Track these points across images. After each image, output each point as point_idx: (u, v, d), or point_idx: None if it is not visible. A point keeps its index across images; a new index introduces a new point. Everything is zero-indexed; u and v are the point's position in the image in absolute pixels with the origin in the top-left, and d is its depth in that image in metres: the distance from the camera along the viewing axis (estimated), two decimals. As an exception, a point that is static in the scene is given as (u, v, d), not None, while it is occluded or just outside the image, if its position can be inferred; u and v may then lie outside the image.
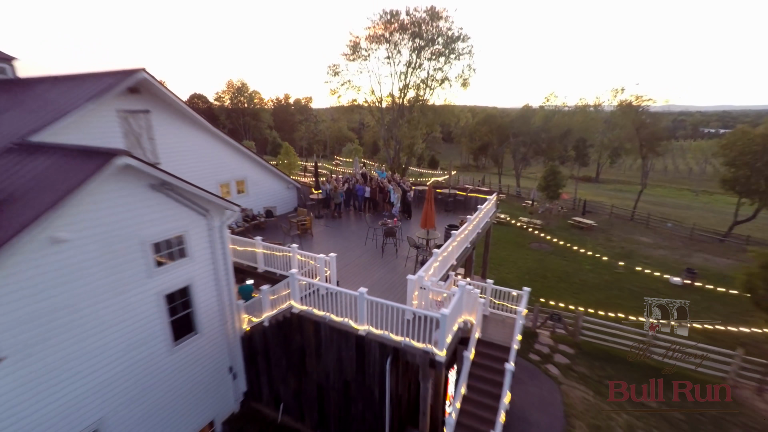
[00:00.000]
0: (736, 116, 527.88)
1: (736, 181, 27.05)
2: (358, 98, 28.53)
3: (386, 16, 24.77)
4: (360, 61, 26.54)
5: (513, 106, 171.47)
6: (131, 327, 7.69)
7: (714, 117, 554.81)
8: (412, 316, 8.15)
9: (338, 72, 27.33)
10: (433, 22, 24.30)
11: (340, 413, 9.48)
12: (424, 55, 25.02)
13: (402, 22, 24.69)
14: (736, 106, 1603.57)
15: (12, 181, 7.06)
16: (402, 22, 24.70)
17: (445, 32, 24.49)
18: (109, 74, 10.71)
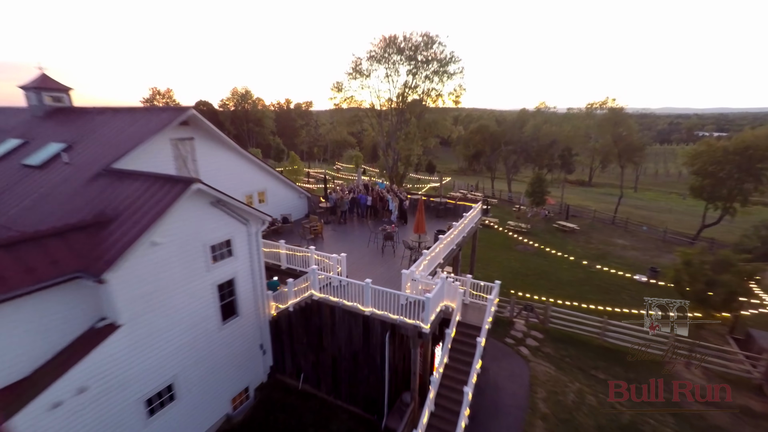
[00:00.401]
0: (733, 119, 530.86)
1: (702, 189, 29.80)
2: (359, 113, 31.27)
3: (385, 41, 27.53)
4: (362, 79, 29.31)
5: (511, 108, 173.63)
6: (195, 308, 10.26)
7: (711, 119, 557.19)
8: (405, 300, 10.76)
9: (341, 88, 30.08)
10: (428, 47, 27.07)
11: (349, 378, 12.07)
12: (420, 76, 27.75)
13: (399, 46, 27.44)
14: (734, 108, 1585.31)
15: (113, 200, 9.65)
16: (399, 46, 27.45)
17: (438, 55, 27.26)
18: (165, 109, 13.33)
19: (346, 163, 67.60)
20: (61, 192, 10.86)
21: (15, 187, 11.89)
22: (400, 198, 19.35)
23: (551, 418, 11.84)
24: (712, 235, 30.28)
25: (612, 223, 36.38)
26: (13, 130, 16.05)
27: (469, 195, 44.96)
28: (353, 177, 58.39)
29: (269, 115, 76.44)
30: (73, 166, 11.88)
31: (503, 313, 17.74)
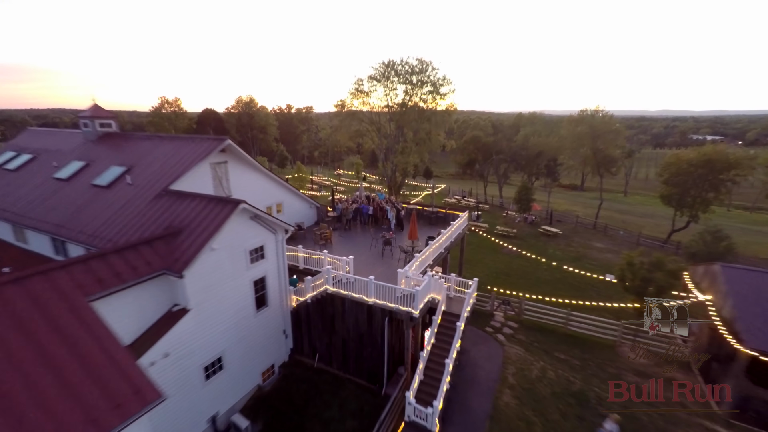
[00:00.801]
0: (729, 122, 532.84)
1: (671, 197, 32.94)
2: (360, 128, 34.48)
3: (384, 65, 30.74)
4: (363, 97, 32.46)
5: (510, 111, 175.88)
6: (238, 299, 13.27)
7: (706, 123, 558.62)
8: (400, 293, 13.79)
9: (345, 106, 33.23)
10: (423, 72, 30.25)
11: (356, 356, 15.09)
12: (415, 95, 30.91)
13: (397, 69, 30.62)
14: (731, 111, 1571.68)
15: (177, 215, 12.68)
16: (397, 69, 30.63)
17: (431, 78, 30.43)
18: (206, 139, 16.39)
19: (346, 170, 70.58)
20: (131, 209, 13.88)
21: (91, 204, 14.91)
22: (397, 208, 22.41)
23: (517, 387, 14.86)
24: (680, 238, 33.38)
25: (593, 227, 39.51)
26: (72, 153, 19.10)
27: (462, 201, 48.12)
28: (354, 183, 61.41)
29: (272, 122, 79.52)
30: (136, 187, 14.93)
31: (485, 306, 20.78)
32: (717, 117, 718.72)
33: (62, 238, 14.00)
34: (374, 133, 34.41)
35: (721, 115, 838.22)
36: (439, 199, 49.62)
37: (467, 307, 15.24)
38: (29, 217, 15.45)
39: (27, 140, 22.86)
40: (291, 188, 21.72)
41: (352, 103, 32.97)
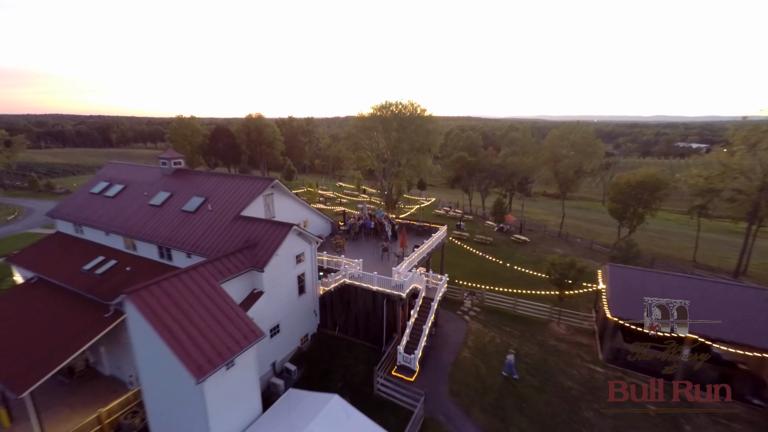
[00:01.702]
0: (718, 128, 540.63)
1: (616, 211, 40.45)
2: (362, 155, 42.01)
3: (381, 106, 38.37)
4: (365, 131, 39.92)
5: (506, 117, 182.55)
6: (289, 287, 20.42)
7: (697, 129, 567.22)
8: (394, 283, 20.98)
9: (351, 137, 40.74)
10: (413, 112, 37.76)
11: (364, 327, 22.26)
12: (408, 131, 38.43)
13: (391, 109, 38.17)
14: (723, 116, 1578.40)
15: (250, 233, 19.85)
16: (391, 110, 38.18)
17: (421, 121, 37.99)
18: (260, 179, 23.58)
19: (347, 183, 77.76)
20: (216, 228, 21.02)
21: (185, 224, 22.04)
22: (392, 224, 29.70)
23: (473, 347, 22.06)
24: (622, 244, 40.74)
25: (558, 235, 46.92)
26: (156, 185, 26.24)
27: (450, 212, 55.47)
28: (355, 194, 68.64)
29: (279, 137, 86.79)
30: (215, 213, 22.09)
31: (457, 296, 28.02)
32: (708, 123, 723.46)
33: (171, 247, 21.13)
34: (374, 159, 41.86)
35: (714, 121, 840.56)
36: (430, 210, 56.96)
37: (439, 294, 22.51)
38: (142, 232, 22.54)
39: (111, 172, 29.96)
40: (312, 209, 28.90)
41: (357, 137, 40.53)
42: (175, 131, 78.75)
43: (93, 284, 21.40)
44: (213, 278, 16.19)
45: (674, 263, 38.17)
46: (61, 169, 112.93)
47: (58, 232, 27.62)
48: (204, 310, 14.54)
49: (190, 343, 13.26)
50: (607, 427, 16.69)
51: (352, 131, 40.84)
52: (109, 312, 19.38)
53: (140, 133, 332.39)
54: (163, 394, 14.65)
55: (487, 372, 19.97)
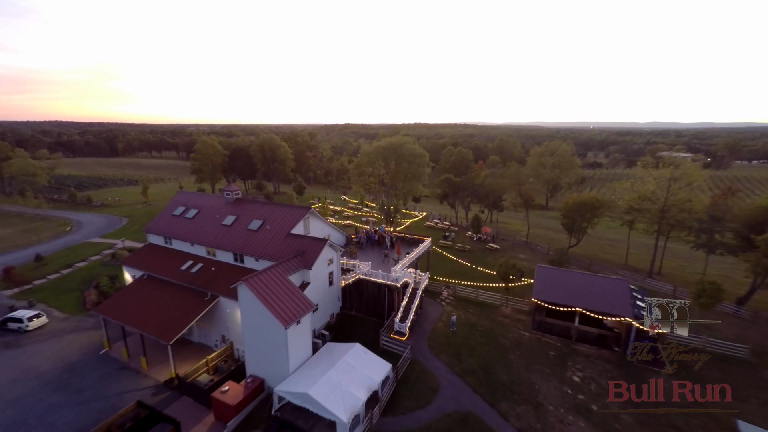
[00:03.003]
0: (708, 136, 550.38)
1: (566, 224, 51.45)
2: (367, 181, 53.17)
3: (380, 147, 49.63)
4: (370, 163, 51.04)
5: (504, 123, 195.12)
6: (323, 280, 31.17)
7: (688, 136, 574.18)
8: (392, 278, 31.82)
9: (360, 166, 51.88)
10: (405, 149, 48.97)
11: (372, 307, 33.07)
12: (403, 164, 49.55)
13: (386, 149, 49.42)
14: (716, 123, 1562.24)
15: (299, 245, 30.68)
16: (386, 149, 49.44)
17: (411, 158, 49.20)
18: (301, 207, 34.44)
19: (351, 198, 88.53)
20: (275, 242, 31.78)
21: (251, 239, 32.81)
22: (390, 237, 40.62)
23: (445, 322, 32.79)
24: (574, 251, 51.76)
25: (525, 243, 57.85)
26: (223, 210, 36.97)
27: (439, 224, 66.36)
28: (358, 207, 79.38)
29: (290, 156, 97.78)
30: (272, 232, 32.87)
31: (437, 289, 38.81)
32: (700, 131, 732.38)
33: (244, 254, 31.84)
34: (377, 183, 52.98)
35: (706, 129, 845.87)
36: (422, 223, 67.84)
37: (422, 285, 33.37)
38: (221, 244, 33.23)
39: (183, 198, 40.64)
40: (333, 225, 39.69)
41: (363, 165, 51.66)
42: (200, 151, 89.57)
43: (191, 279, 32.15)
44: (283, 273, 26.97)
45: (608, 265, 49.15)
46: (87, 182, 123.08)
47: (150, 243, 38.32)
48: (281, 291, 25.30)
49: (278, 308, 24.00)
50: (522, 364, 27.46)
51: (361, 161, 51.88)
52: (207, 297, 30.21)
53: (145, 142, 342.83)
54: (259, 339, 25.29)
55: (452, 335, 30.72)
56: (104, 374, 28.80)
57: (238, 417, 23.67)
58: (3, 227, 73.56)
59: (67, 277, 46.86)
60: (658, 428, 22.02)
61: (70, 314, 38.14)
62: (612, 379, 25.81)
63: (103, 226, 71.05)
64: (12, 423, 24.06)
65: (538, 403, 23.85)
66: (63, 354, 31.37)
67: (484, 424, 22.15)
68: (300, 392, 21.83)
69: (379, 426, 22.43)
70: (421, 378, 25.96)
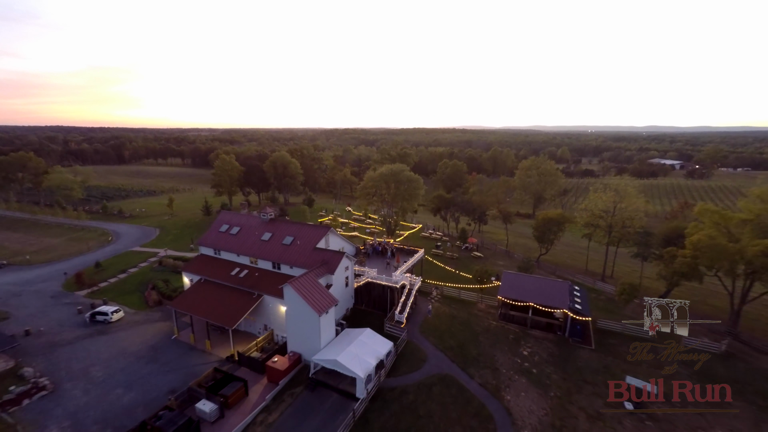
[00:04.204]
0: (703, 141, 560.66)
1: (537, 237, 61.69)
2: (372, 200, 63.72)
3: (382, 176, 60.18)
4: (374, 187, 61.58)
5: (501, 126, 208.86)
6: (341, 282, 41.38)
7: (681, 141, 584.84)
8: (393, 280, 42.12)
9: (366, 188, 62.31)
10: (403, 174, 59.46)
11: (379, 303, 43.38)
12: (401, 188, 59.99)
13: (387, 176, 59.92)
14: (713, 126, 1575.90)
15: (323, 257, 40.98)
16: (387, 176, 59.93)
17: (407, 182, 59.68)
18: (325, 226, 44.75)
19: (356, 211, 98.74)
20: (304, 254, 42.03)
21: (286, 251, 43.06)
22: (392, 249, 50.96)
23: (433, 314, 43.01)
24: (545, 258, 62.03)
25: (505, 252, 68.13)
26: (260, 228, 47.22)
27: (433, 235, 76.69)
28: (362, 219, 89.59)
29: (299, 172, 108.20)
30: (302, 246, 43.14)
31: (428, 289, 49.05)
32: (696, 135, 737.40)
33: (281, 263, 42.05)
34: (380, 202, 63.45)
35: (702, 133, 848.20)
36: (418, 233, 78.10)
37: (416, 286, 43.69)
38: (261, 255, 43.43)
39: (226, 218, 50.84)
40: (345, 239, 49.92)
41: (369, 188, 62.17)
42: (219, 167, 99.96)
43: (240, 282, 42.35)
44: (315, 278, 37.22)
45: (571, 270, 59.39)
46: (111, 193, 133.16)
47: (202, 254, 48.50)
48: (314, 290, 35.53)
49: (313, 302, 34.21)
50: (487, 343, 37.66)
51: (367, 185, 62.36)
52: (254, 295, 40.44)
53: (151, 150, 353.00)
54: (299, 325, 35.43)
55: (438, 323, 40.94)
56: (179, 353, 38.90)
57: (285, 379, 33.80)
58: (51, 237, 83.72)
59: (125, 281, 57.03)
60: (576, 384, 32.17)
61: (138, 310, 48.23)
62: (550, 354, 36.01)
63: (139, 237, 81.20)
64: (126, 382, 34.14)
65: (495, 368, 34.03)
66: (144, 339, 41.47)
67: (457, 381, 32.33)
68: (331, 359, 32.00)
69: (385, 383, 32.57)
70: (414, 353, 36.17)
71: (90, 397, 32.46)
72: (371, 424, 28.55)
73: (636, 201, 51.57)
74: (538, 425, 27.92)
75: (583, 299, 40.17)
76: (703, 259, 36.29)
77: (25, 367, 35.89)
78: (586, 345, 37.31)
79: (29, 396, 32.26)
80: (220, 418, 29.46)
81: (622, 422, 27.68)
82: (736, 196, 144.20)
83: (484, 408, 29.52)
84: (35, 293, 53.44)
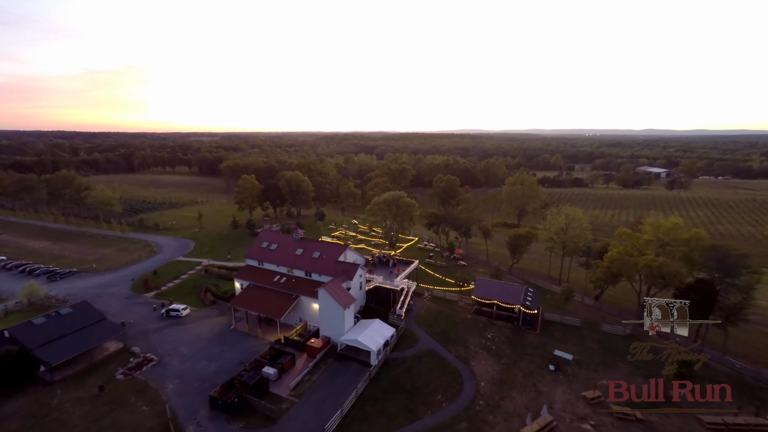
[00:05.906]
0: (697, 145, 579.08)
1: (510, 249, 76.47)
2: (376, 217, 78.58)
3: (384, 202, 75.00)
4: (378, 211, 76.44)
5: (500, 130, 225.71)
6: (357, 286, 56.06)
7: (674, 146, 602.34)
8: (396, 284, 56.92)
9: (372, 210, 77.14)
10: (401, 201, 74.26)
11: (384, 301, 58.18)
12: (401, 211, 74.76)
13: (389, 201, 74.74)
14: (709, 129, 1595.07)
15: (343, 267, 55.76)
16: (389, 201, 74.76)
17: (405, 207, 74.46)
18: (344, 245, 59.55)
19: (361, 224, 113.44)
20: (329, 265, 56.75)
21: (315, 263, 57.82)
22: (393, 260, 65.86)
23: (425, 310, 57.76)
24: (517, 266, 76.79)
25: (485, 261, 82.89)
26: (294, 245, 61.99)
27: (428, 246, 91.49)
28: (367, 232, 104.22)
29: (311, 189, 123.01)
30: (326, 259, 57.90)
31: (422, 292, 63.81)
32: (691, 139, 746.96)
33: (311, 272, 56.73)
34: (383, 222, 78.26)
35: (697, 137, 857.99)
36: (415, 245, 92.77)
37: (412, 289, 58.57)
38: (296, 266, 58.10)
39: (265, 236, 65.49)
40: (357, 252, 64.61)
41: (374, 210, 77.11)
42: (242, 186, 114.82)
43: (281, 286, 57.06)
44: (339, 283, 51.95)
45: (537, 276, 74.03)
46: (139, 206, 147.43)
47: (248, 264, 63.15)
48: (340, 291, 50.30)
49: (339, 299, 48.98)
50: (463, 330, 52.36)
51: (373, 208, 77.25)
52: (294, 296, 55.25)
53: (160, 158, 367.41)
54: (328, 316, 50.13)
55: (428, 316, 55.63)
56: (238, 338, 53.44)
57: (319, 354, 48.38)
58: (102, 248, 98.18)
59: (181, 285, 71.60)
60: (520, 356, 46.84)
61: (198, 308, 62.78)
62: (506, 337, 50.72)
63: (178, 248, 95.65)
64: (207, 357, 48.64)
65: (466, 346, 48.71)
66: (210, 328, 56.01)
67: (439, 354, 47.02)
68: (353, 339, 46.62)
69: (390, 356, 47.20)
70: (409, 336, 50.89)
71: (185, 366, 46.98)
72: (381, 381, 43.17)
73: (582, 222, 66.46)
74: (491, 380, 42.65)
75: (534, 298, 54.94)
76: (614, 269, 51.14)
77: (133, 347, 50.47)
78: (533, 330, 52.05)
79: (144, 365, 46.81)
80: (279, 378, 44.04)
81: (545, 377, 42.49)
82: (702, 208, 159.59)
83: (456, 370, 44.25)
84: (111, 295, 67.91)
